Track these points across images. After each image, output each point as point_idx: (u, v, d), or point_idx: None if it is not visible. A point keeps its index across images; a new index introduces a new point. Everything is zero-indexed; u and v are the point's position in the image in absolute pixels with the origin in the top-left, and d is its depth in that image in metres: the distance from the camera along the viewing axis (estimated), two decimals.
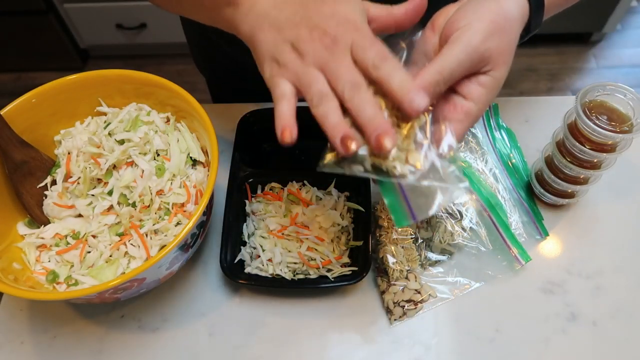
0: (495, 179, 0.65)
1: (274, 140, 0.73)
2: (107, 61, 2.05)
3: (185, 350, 0.56)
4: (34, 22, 1.79)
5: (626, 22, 2.11)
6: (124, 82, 0.60)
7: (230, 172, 0.64)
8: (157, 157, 0.59)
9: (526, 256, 0.60)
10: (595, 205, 0.65)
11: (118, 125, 0.59)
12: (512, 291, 0.58)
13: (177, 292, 0.60)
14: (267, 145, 0.71)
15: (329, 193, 0.63)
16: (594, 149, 0.54)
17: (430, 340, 0.56)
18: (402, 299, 0.57)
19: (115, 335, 0.57)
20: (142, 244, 0.54)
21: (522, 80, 1.96)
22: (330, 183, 0.64)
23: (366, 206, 0.60)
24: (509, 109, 0.73)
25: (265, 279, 0.58)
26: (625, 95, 0.53)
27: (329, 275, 0.57)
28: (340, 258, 0.58)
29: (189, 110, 0.58)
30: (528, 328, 0.56)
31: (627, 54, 2.03)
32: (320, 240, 0.58)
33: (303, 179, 0.64)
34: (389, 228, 0.61)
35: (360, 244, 0.58)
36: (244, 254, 0.59)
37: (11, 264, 0.53)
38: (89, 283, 0.52)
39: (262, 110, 0.68)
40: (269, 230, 0.59)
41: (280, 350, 0.56)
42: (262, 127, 0.67)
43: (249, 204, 0.63)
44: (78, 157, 0.58)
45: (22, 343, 0.57)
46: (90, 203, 0.57)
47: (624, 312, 0.57)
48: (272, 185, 0.64)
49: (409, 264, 0.59)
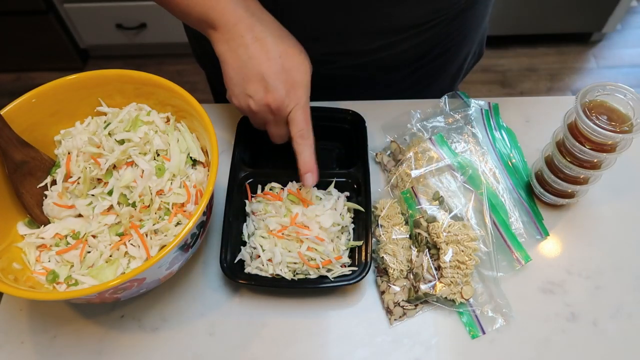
0: (495, 179, 0.65)
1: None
2: (107, 61, 2.05)
3: (185, 350, 0.56)
4: (34, 22, 1.79)
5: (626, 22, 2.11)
6: (124, 82, 0.60)
7: (230, 172, 0.64)
8: (157, 157, 0.59)
9: (526, 256, 0.60)
10: (595, 205, 0.65)
11: (118, 125, 0.59)
12: (512, 291, 0.58)
13: (177, 292, 0.60)
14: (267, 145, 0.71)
15: (329, 193, 0.63)
16: (594, 149, 0.54)
17: (430, 340, 0.56)
18: (402, 299, 0.57)
19: (115, 335, 0.57)
20: (142, 244, 0.54)
21: (522, 80, 1.96)
22: (330, 183, 0.64)
23: (366, 206, 0.60)
24: (509, 109, 0.73)
25: (265, 279, 0.58)
26: (625, 95, 0.53)
27: (329, 275, 0.57)
28: (340, 258, 0.58)
29: (189, 110, 0.58)
30: (528, 328, 0.56)
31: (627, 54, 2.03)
32: (320, 240, 0.58)
33: None
34: (389, 228, 0.61)
35: (360, 244, 0.58)
36: (244, 254, 0.59)
37: (11, 264, 0.53)
38: (89, 283, 0.52)
39: None
40: (269, 230, 0.59)
41: (280, 350, 0.56)
42: None
43: (249, 203, 0.63)
44: (78, 157, 0.58)
45: (22, 343, 0.57)
46: (90, 203, 0.57)
47: (624, 312, 0.57)
48: (272, 185, 0.64)
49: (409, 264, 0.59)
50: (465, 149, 0.66)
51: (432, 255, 0.57)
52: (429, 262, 0.57)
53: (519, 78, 1.97)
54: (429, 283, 0.56)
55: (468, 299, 0.56)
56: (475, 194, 0.62)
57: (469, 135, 0.67)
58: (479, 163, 0.65)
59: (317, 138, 0.70)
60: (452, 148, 0.65)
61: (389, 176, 0.66)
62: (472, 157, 0.65)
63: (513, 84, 1.95)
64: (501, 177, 0.65)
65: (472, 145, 0.66)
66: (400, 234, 0.61)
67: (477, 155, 0.66)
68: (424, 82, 0.81)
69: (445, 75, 0.83)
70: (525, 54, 2.02)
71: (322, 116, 0.68)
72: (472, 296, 0.56)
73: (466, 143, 0.66)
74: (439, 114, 0.69)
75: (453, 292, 0.56)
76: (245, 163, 0.65)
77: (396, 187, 0.65)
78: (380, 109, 0.73)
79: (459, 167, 0.63)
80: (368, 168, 0.63)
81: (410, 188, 0.63)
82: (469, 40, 0.79)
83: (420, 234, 0.59)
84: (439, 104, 0.70)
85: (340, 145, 0.70)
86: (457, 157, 0.64)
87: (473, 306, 0.57)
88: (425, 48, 0.74)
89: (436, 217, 0.59)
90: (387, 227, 0.61)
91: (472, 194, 0.62)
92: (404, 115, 0.70)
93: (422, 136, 0.67)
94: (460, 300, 0.56)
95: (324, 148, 0.70)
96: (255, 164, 0.68)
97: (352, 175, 0.64)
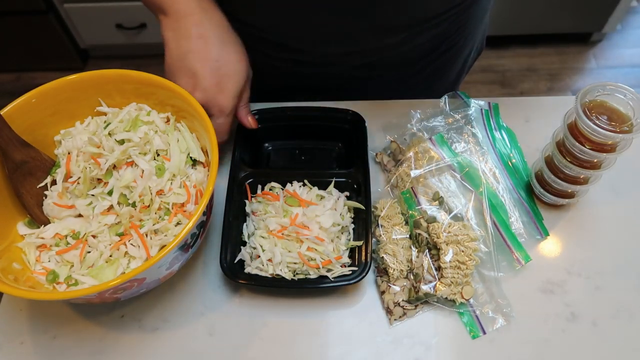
0: (495, 179, 0.65)
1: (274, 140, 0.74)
2: (107, 61, 2.05)
3: (185, 350, 0.56)
4: (34, 22, 1.79)
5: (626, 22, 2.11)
6: (124, 82, 0.60)
7: (230, 172, 0.64)
8: (157, 157, 0.59)
9: (526, 256, 0.60)
10: (595, 205, 0.65)
11: (118, 125, 0.59)
12: (512, 291, 0.58)
13: (177, 292, 0.60)
14: (267, 145, 0.71)
15: (329, 193, 0.63)
16: (594, 149, 0.54)
17: (430, 340, 0.56)
18: (402, 299, 0.57)
19: (115, 335, 0.57)
20: (142, 244, 0.54)
21: (522, 80, 1.96)
22: (330, 183, 0.64)
23: (366, 206, 0.60)
24: (509, 109, 0.73)
25: (266, 279, 0.57)
26: (625, 95, 0.53)
27: (329, 275, 0.57)
28: (340, 258, 0.58)
29: (189, 110, 0.58)
30: (528, 328, 0.56)
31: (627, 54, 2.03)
32: (320, 240, 0.58)
33: (303, 179, 0.64)
34: (389, 228, 0.61)
35: (360, 244, 0.58)
36: (244, 254, 0.59)
37: (11, 264, 0.53)
38: (89, 283, 0.52)
39: (262, 110, 0.68)
40: (269, 231, 0.59)
41: (280, 350, 0.56)
42: (262, 126, 0.67)
43: (249, 203, 0.63)
44: (78, 157, 0.58)
45: (22, 343, 0.57)
46: (90, 203, 0.57)
47: (624, 312, 0.57)
48: (272, 185, 0.64)
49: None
50: (465, 149, 0.66)
51: (432, 256, 0.57)
52: (429, 263, 0.57)
53: (519, 78, 1.97)
54: (429, 283, 0.56)
55: (468, 299, 0.56)
56: (475, 194, 0.62)
57: (469, 135, 0.67)
58: (479, 163, 0.65)
59: (317, 138, 0.70)
60: (452, 148, 0.65)
61: (389, 176, 0.66)
62: (472, 157, 0.65)
63: (513, 84, 1.95)
64: (501, 177, 0.65)
65: (472, 145, 0.66)
66: (400, 234, 0.61)
67: (477, 155, 0.66)
68: (432, 78, 0.81)
69: (452, 70, 0.83)
70: (525, 54, 2.02)
71: (322, 116, 0.68)
72: (472, 296, 0.56)
73: (466, 143, 0.66)
74: (439, 114, 0.69)
75: (453, 292, 0.56)
76: (245, 163, 0.65)
77: (396, 187, 0.65)
78: (380, 109, 0.73)
79: (459, 167, 0.63)
80: (368, 168, 0.63)
81: (410, 188, 0.63)
82: (475, 33, 0.80)
83: (421, 234, 0.59)
84: (439, 104, 0.70)
85: (340, 145, 0.70)
86: (457, 157, 0.64)
87: (473, 306, 0.57)
88: (437, 42, 0.74)
89: (436, 217, 0.59)
90: (387, 227, 0.61)
91: (472, 194, 0.62)
92: (404, 115, 0.70)
93: (422, 136, 0.67)
94: (460, 300, 0.56)
95: (323, 148, 0.70)
96: (255, 164, 0.68)
97: (352, 175, 0.64)
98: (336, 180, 0.64)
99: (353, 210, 0.62)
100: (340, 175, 0.64)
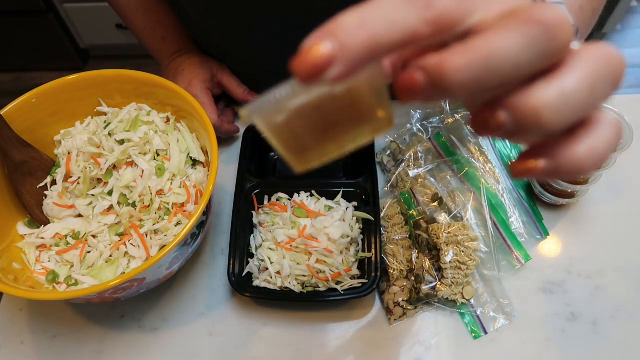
0: (495, 179, 0.65)
1: None
2: (107, 61, 2.05)
3: (185, 350, 0.56)
4: (34, 22, 1.79)
5: (626, 22, 2.11)
6: (124, 82, 0.60)
7: (237, 182, 0.63)
8: (157, 157, 0.59)
9: (526, 255, 0.60)
10: (595, 205, 0.65)
11: (118, 125, 0.59)
12: (512, 291, 0.58)
13: (177, 292, 0.60)
14: (273, 154, 0.69)
15: (337, 203, 0.62)
16: None
17: (430, 340, 0.56)
18: (402, 299, 0.57)
19: (115, 335, 0.57)
20: (142, 244, 0.54)
21: None
22: (338, 193, 0.62)
23: (375, 216, 0.59)
24: None
25: (274, 292, 0.56)
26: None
27: (339, 288, 0.56)
28: (349, 270, 0.57)
29: (189, 110, 0.58)
30: (528, 328, 0.56)
31: (627, 54, 2.02)
32: (329, 252, 0.56)
33: (310, 189, 0.63)
34: (389, 228, 0.61)
35: (370, 256, 0.57)
36: (252, 266, 0.58)
37: (11, 264, 0.53)
38: (89, 283, 0.52)
39: None
40: (277, 243, 0.58)
41: (280, 350, 0.56)
42: None
43: (256, 215, 0.62)
44: (78, 157, 0.58)
45: (22, 343, 0.57)
46: (90, 203, 0.57)
47: (624, 312, 0.57)
48: (279, 196, 0.63)
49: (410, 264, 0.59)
50: (465, 149, 0.66)
51: (432, 257, 0.57)
52: (430, 264, 0.57)
53: None
54: (430, 284, 0.56)
55: (469, 300, 0.56)
56: (475, 194, 0.62)
57: (469, 135, 0.67)
58: (479, 163, 0.65)
59: None
60: (451, 148, 0.65)
61: (389, 176, 0.66)
62: (471, 157, 0.65)
63: None
64: (501, 177, 0.65)
65: (472, 145, 0.66)
66: (400, 234, 0.61)
67: (477, 155, 0.66)
68: None
69: None
70: None
71: None
72: (473, 296, 0.56)
73: (466, 143, 0.66)
74: (439, 114, 0.69)
75: (454, 293, 0.56)
76: (251, 173, 0.64)
77: (396, 187, 0.65)
78: None
79: (459, 167, 0.63)
80: (377, 178, 0.62)
81: (410, 189, 0.63)
82: None
83: (421, 235, 0.59)
84: (439, 104, 0.70)
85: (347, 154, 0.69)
86: (456, 156, 0.64)
87: (474, 307, 0.57)
88: None
89: (436, 218, 0.59)
90: (387, 227, 0.61)
91: (472, 194, 0.62)
92: (404, 115, 0.70)
93: (422, 136, 0.67)
94: (461, 300, 0.56)
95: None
96: (262, 174, 0.67)
97: (360, 186, 0.62)
98: (344, 190, 0.62)
99: (362, 220, 0.61)
100: (349, 185, 0.63)
